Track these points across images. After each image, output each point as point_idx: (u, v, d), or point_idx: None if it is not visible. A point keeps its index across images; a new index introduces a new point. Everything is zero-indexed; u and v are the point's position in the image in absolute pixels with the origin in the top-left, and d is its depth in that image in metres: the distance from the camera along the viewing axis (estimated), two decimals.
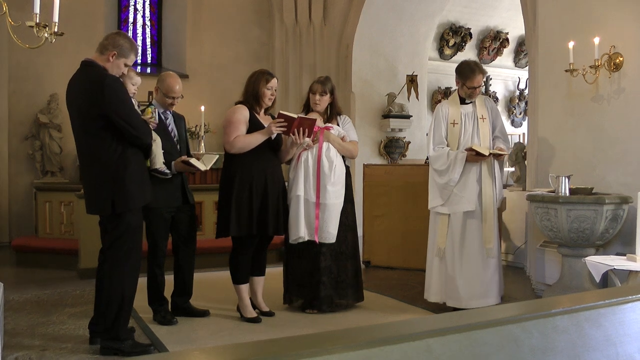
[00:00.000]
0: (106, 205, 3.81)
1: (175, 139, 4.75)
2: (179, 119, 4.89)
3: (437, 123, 5.07)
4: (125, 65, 3.91)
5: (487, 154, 4.78)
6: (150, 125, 4.17)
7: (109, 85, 3.72)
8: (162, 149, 4.49)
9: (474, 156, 4.81)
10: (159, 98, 4.74)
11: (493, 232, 4.91)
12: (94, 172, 3.86)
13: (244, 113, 4.69)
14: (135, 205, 3.88)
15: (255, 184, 4.61)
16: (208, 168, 4.73)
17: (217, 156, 4.94)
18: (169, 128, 4.73)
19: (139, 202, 3.93)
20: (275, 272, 5.15)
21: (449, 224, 4.94)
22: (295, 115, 4.62)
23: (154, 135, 4.23)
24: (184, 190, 4.73)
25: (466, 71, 4.99)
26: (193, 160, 4.59)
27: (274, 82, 4.75)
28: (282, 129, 4.60)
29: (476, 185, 4.90)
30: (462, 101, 5.09)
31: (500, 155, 4.93)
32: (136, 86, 4.29)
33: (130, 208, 3.84)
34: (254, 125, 4.68)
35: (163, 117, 4.71)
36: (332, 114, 5.09)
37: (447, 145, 5.00)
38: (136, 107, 4.21)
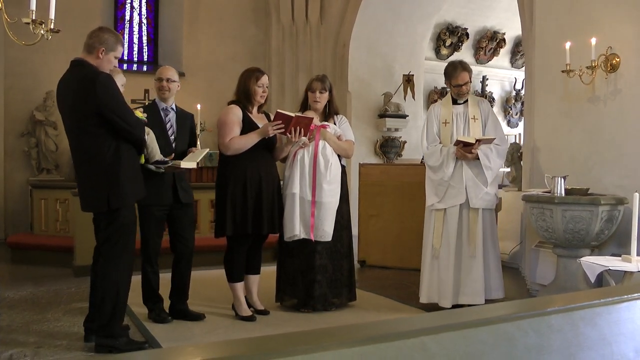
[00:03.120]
0: (101, 202, 3.81)
1: (172, 137, 4.71)
2: (183, 117, 4.82)
3: (429, 122, 5.18)
4: (115, 57, 3.94)
5: (473, 141, 4.81)
6: None
7: (101, 82, 3.74)
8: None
9: (462, 148, 4.84)
10: (156, 92, 4.77)
11: (477, 230, 4.91)
12: (88, 169, 3.88)
13: (237, 113, 4.68)
14: (129, 201, 3.90)
15: (250, 183, 4.60)
16: (198, 160, 4.56)
17: (207, 150, 4.85)
18: (167, 125, 4.70)
19: (133, 198, 3.95)
20: (270, 271, 5.15)
21: (444, 221, 4.96)
22: (292, 114, 4.61)
23: (146, 129, 4.21)
24: (175, 189, 4.64)
25: (449, 70, 5.12)
26: (177, 162, 4.52)
27: (264, 80, 4.74)
28: (279, 130, 4.59)
29: (471, 177, 4.92)
30: (455, 102, 5.16)
31: (489, 140, 4.90)
32: (121, 84, 4.27)
33: (125, 204, 3.85)
34: (248, 125, 4.68)
35: (163, 114, 4.70)
36: (329, 112, 5.10)
37: (440, 143, 5.05)
38: None
